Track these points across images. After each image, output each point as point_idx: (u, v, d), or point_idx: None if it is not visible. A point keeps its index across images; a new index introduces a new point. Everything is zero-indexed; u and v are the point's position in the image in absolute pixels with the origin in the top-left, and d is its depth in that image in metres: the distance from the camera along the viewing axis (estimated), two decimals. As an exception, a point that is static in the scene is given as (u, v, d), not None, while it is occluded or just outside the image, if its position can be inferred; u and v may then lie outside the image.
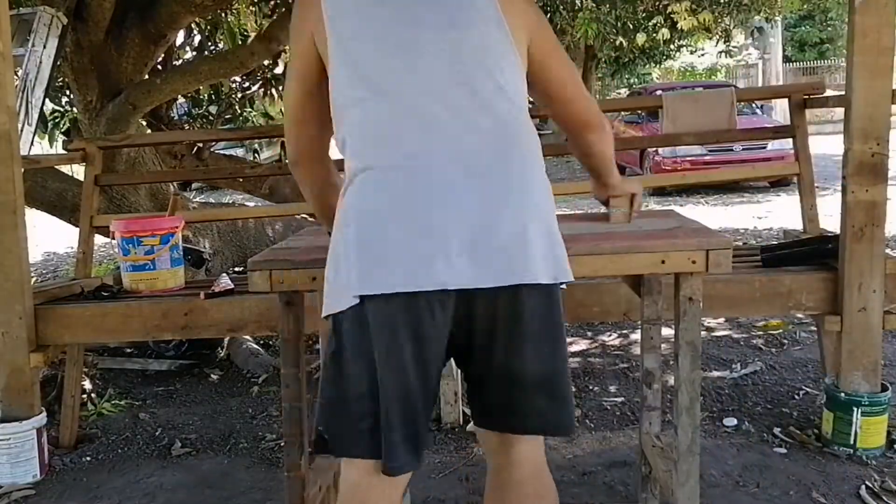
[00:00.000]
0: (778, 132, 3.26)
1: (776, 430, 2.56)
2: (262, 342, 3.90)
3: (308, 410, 1.64)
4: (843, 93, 2.39)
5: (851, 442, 2.33)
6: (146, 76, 4.29)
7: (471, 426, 2.73)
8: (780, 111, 14.54)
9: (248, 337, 3.74)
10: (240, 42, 5.09)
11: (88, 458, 2.65)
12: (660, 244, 1.52)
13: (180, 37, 5.17)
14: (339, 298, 1.25)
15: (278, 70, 5.76)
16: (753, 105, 10.76)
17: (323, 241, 1.80)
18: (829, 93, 2.97)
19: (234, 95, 5.87)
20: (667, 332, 2.06)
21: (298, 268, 1.53)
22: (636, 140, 6.90)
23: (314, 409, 1.38)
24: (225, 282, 2.64)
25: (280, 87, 5.77)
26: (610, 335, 3.92)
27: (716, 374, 3.19)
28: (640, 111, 10.53)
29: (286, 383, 1.63)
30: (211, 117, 5.78)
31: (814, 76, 21.03)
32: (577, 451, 2.51)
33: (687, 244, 1.51)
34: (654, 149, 9.48)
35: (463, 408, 2.82)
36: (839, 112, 2.42)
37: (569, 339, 3.86)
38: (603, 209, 1.83)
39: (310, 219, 4.82)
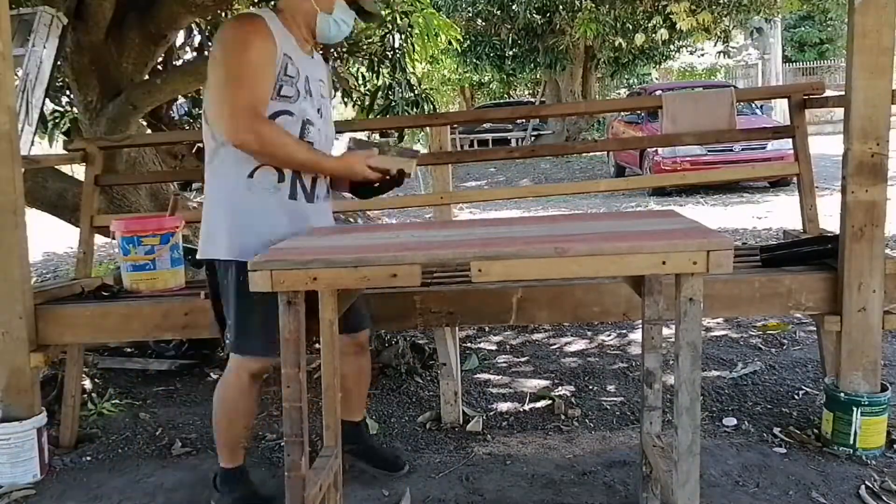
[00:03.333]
0: (778, 132, 3.26)
1: (776, 430, 2.56)
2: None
3: (309, 410, 1.64)
4: (842, 93, 2.39)
5: (851, 442, 2.34)
6: (146, 76, 4.28)
7: (471, 425, 2.73)
8: (779, 111, 14.55)
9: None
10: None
11: (89, 458, 2.65)
12: (661, 245, 1.52)
13: (181, 37, 5.16)
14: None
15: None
16: (753, 105, 10.77)
17: (323, 241, 1.80)
18: (828, 93, 2.98)
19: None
20: (667, 331, 2.06)
21: (299, 268, 1.53)
22: (636, 140, 6.90)
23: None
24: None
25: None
26: (609, 335, 3.92)
27: (715, 374, 3.20)
28: (639, 111, 10.54)
29: (287, 383, 1.63)
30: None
31: (813, 76, 21.03)
32: (576, 450, 2.51)
33: (688, 245, 1.51)
34: (654, 149, 9.49)
35: (462, 407, 2.83)
36: (839, 112, 2.42)
37: (567, 339, 3.87)
38: (603, 209, 1.83)
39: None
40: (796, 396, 2.89)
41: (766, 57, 19.39)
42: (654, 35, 12.77)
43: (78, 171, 3.57)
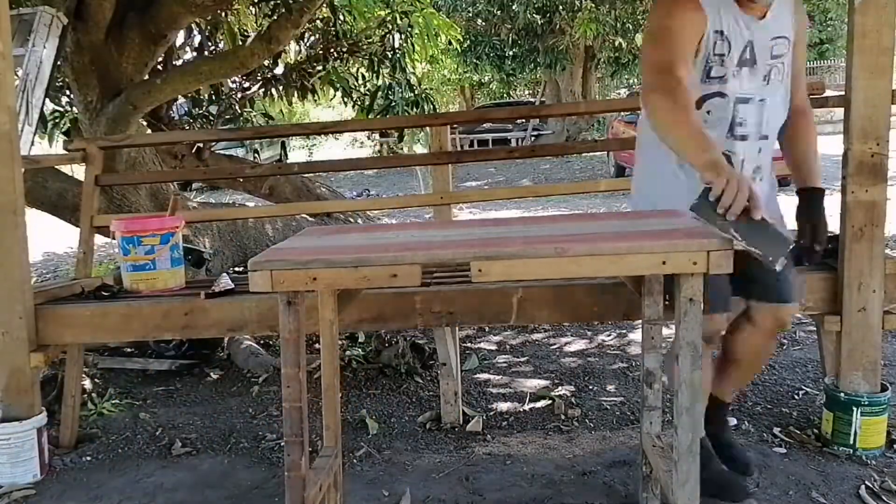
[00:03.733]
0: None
1: (776, 430, 2.56)
2: (262, 342, 3.90)
3: (309, 411, 1.64)
4: (843, 93, 2.39)
5: (851, 442, 2.34)
6: (146, 76, 4.29)
7: (470, 425, 2.73)
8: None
9: (248, 337, 3.75)
10: (240, 42, 5.10)
11: (88, 458, 2.65)
12: (661, 245, 1.51)
13: (181, 37, 5.17)
14: None
15: (278, 70, 5.77)
16: (753, 105, 10.74)
17: (323, 241, 1.80)
18: (828, 93, 2.97)
19: (234, 95, 5.88)
20: (666, 331, 2.06)
21: (299, 268, 1.53)
22: (634, 140, 6.88)
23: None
24: (225, 282, 2.64)
25: (280, 88, 5.78)
26: (608, 335, 3.92)
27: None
28: (639, 111, 10.51)
29: (287, 383, 1.63)
30: (211, 117, 5.78)
31: (813, 76, 21.00)
32: (576, 450, 2.51)
33: (688, 245, 1.51)
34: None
35: (463, 407, 2.83)
36: (839, 112, 2.42)
37: (567, 339, 3.87)
38: (603, 209, 1.83)
39: (310, 219, 4.82)
40: (796, 396, 2.89)
41: (766, 57, 19.35)
42: (654, 35, 12.76)
43: (78, 171, 3.57)
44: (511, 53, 17.65)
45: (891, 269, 2.34)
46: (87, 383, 3.27)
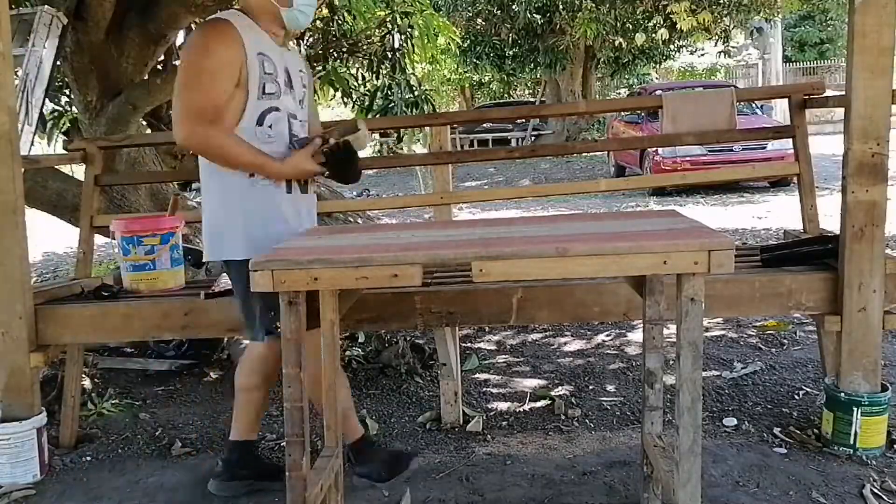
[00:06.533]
0: (778, 132, 3.26)
1: (776, 430, 2.56)
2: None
3: (309, 411, 1.64)
4: (843, 93, 2.39)
5: (851, 442, 2.34)
6: (146, 76, 4.28)
7: (470, 426, 2.73)
8: (779, 111, 14.54)
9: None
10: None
11: (88, 458, 2.65)
12: (662, 245, 1.52)
13: (181, 37, 5.16)
14: None
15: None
16: (753, 105, 10.76)
17: (324, 241, 1.80)
18: (829, 92, 2.98)
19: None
20: (666, 331, 2.06)
21: (301, 268, 1.53)
22: (636, 140, 6.90)
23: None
24: (225, 282, 2.63)
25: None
26: (608, 334, 3.92)
27: (715, 373, 3.20)
28: (639, 111, 10.53)
29: (288, 384, 1.63)
30: (210, 117, 5.76)
31: (814, 76, 21.04)
32: (576, 450, 2.51)
33: (689, 245, 1.51)
34: (654, 149, 9.48)
35: (463, 408, 2.82)
36: (839, 112, 2.42)
37: (566, 339, 3.87)
38: (603, 209, 1.84)
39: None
40: (796, 396, 2.89)
41: (767, 57, 19.39)
42: (654, 35, 12.77)
43: (78, 171, 3.57)
44: (511, 53, 17.64)
45: (891, 269, 2.34)
46: (87, 383, 3.26)
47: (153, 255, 2.65)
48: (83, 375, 3.02)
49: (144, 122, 4.75)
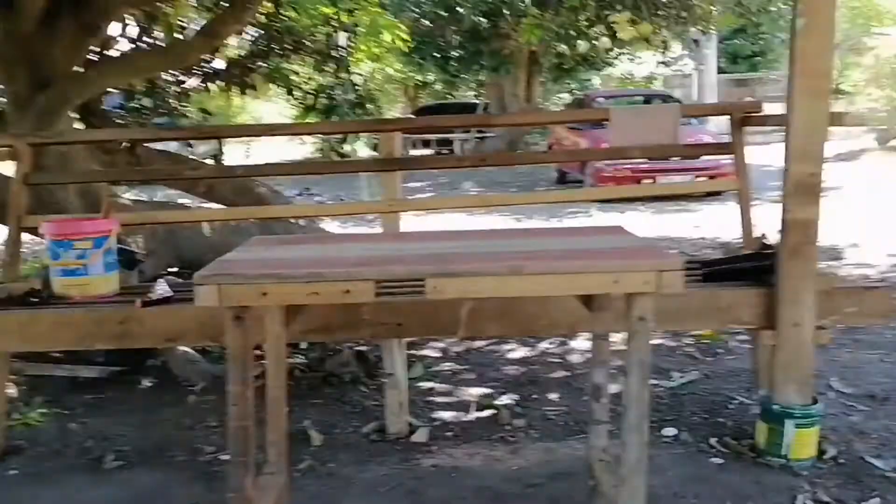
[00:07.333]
0: (720, 149, 3.36)
1: (712, 441, 2.62)
2: (199, 348, 3.78)
3: (255, 429, 1.59)
4: (773, 104, 2.47)
5: (784, 453, 2.41)
6: (80, 68, 4.10)
7: (416, 436, 2.71)
8: (713, 121, 15.00)
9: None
10: (177, 35, 4.93)
11: (15, 472, 2.52)
12: (614, 265, 1.53)
13: (119, 28, 4.96)
14: None
15: (219, 65, 5.61)
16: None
17: (272, 252, 1.75)
18: (766, 106, 3.07)
19: (169, 89, 5.67)
20: (611, 338, 2.08)
21: (249, 283, 1.48)
22: (584, 152, 7.02)
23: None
24: (163, 288, 2.54)
25: (219, 82, 5.61)
26: (552, 342, 3.95)
27: (654, 382, 3.26)
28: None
29: (234, 402, 1.57)
30: (145, 111, 5.56)
31: (745, 87, 21.91)
32: (522, 462, 2.52)
33: (640, 265, 1.53)
34: (595, 155, 9.67)
35: (407, 418, 2.80)
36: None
37: (509, 346, 3.89)
38: (546, 214, 1.85)
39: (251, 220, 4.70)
40: (730, 406, 2.97)
41: (702, 67, 20.01)
42: (595, 43, 13.01)
43: (3, 167, 3.39)
44: (456, 55, 17.69)
45: (822, 286, 2.43)
46: (13, 391, 3.09)
47: (85, 259, 2.53)
48: (8, 383, 2.86)
49: (77, 116, 4.55)
